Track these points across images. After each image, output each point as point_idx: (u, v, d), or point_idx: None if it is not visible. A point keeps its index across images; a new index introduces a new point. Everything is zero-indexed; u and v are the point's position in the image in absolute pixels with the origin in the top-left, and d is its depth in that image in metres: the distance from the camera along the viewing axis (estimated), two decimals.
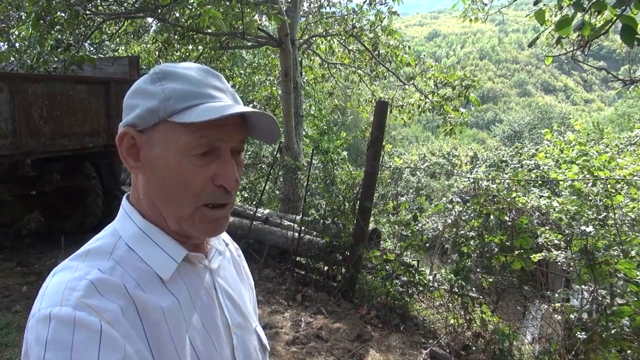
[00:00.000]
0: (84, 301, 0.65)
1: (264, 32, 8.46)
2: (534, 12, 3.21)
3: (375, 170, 4.91)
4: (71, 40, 7.10)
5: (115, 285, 0.69)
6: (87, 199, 6.60)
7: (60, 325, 0.62)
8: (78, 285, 0.67)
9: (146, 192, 0.78)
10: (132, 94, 0.78)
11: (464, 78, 9.00)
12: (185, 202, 0.76)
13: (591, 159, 6.19)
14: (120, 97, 5.52)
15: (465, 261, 4.24)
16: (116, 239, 0.78)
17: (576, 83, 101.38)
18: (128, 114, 0.77)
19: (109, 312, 0.66)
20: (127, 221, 0.80)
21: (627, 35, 2.32)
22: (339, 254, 5.19)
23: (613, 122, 35.40)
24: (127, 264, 0.74)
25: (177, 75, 0.76)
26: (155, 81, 0.76)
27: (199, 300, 0.81)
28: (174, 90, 0.74)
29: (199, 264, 0.84)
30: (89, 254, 0.74)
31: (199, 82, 0.76)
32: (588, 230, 3.64)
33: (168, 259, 0.78)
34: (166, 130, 0.74)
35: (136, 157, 0.77)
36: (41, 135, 5.40)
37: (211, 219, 0.78)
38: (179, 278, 0.79)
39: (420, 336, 4.34)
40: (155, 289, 0.74)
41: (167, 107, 0.73)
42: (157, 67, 0.78)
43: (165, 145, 0.74)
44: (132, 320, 0.68)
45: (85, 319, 0.63)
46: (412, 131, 58.12)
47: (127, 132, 0.76)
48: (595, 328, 3.20)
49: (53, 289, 0.68)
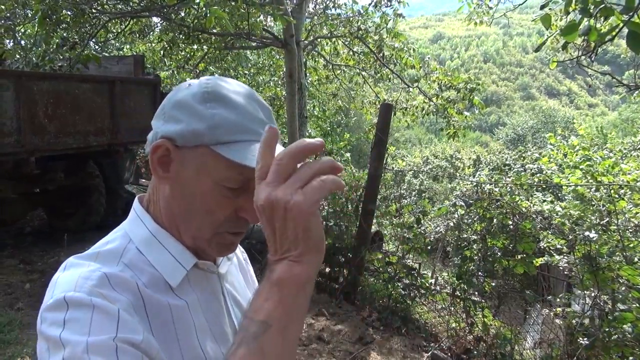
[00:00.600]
0: (97, 290, 0.65)
1: (269, 32, 8.46)
2: (539, 17, 3.21)
3: (379, 172, 4.91)
4: (77, 39, 7.11)
5: (126, 281, 0.70)
6: (90, 197, 6.61)
7: (77, 306, 0.62)
8: (92, 276, 0.67)
9: (168, 204, 0.78)
10: (175, 105, 0.76)
11: (468, 81, 8.98)
12: (207, 227, 0.76)
13: (595, 164, 6.18)
14: (125, 96, 5.50)
15: (468, 265, 4.23)
16: (126, 241, 0.77)
17: (580, 87, 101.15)
18: (167, 123, 0.75)
19: (121, 302, 0.66)
20: (138, 224, 0.80)
21: (633, 42, 2.31)
22: (342, 255, 5.19)
23: (617, 127, 35.34)
24: (136, 268, 0.74)
25: (229, 101, 0.74)
26: (206, 101, 0.74)
27: (207, 305, 0.81)
28: (223, 120, 0.72)
29: (207, 269, 0.83)
30: (98, 256, 0.74)
31: (249, 115, 0.75)
32: (591, 235, 3.63)
33: (177, 265, 0.77)
34: (205, 156, 0.73)
35: (166, 169, 0.76)
36: (46, 134, 5.40)
37: (226, 242, 0.79)
38: (187, 283, 0.79)
39: (421, 339, 4.34)
40: (163, 294, 0.74)
41: (213, 135, 0.72)
42: (208, 84, 0.76)
43: (199, 170, 0.73)
44: (140, 317, 0.68)
45: (101, 303, 0.63)
46: (415, 133, 58.10)
47: (163, 144, 0.74)
48: (597, 334, 3.19)
49: (65, 279, 0.68)
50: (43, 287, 3.62)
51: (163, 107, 0.78)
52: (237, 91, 0.77)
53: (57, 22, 6.07)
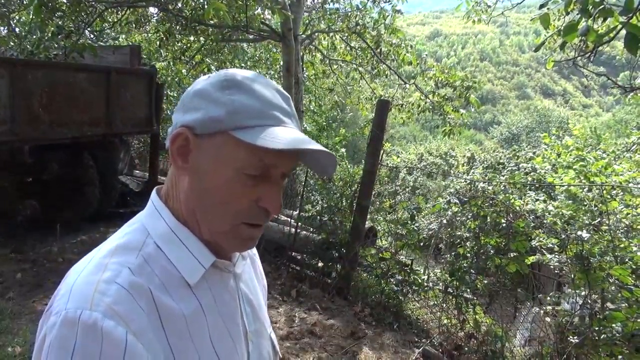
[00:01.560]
0: (113, 308, 0.64)
1: (267, 26, 8.43)
2: (539, 16, 3.21)
3: (374, 169, 4.92)
4: (72, 28, 7.05)
5: (142, 291, 0.68)
6: (84, 188, 6.56)
7: (87, 334, 0.61)
8: (109, 290, 0.66)
9: (187, 196, 0.77)
10: (195, 94, 0.76)
11: (465, 79, 9.01)
12: (226, 218, 0.74)
13: (588, 165, 6.22)
14: (121, 87, 5.46)
15: (461, 262, 4.26)
16: (145, 236, 0.76)
17: (575, 88, 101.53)
18: (186, 113, 0.75)
19: (136, 322, 0.65)
20: (157, 218, 0.78)
21: (631, 43, 2.32)
22: (335, 251, 5.21)
23: (610, 128, 35.55)
24: (155, 263, 0.73)
25: (247, 88, 0.74)
26: (224, 89, 0.74)
27: (223, 306, 0.80)
28: (242, 105, 0.72)
29: (224, 268, 0.82)
30: (117, 249, 0.73)
31: (267, 102, 0.74)
32: (584, 235, 3.66)
33: (196, 263, 0.76)
34: (224, 142, 0.72)
35: (185, 159, 0.75)
36: (40, 123, 5.35)
37: (245, 236, 0.77)
38: (204, 282, 0.77)
39: (413, 335, 4.36)
40: (181, 292, 0.73)
41: (232, 121, 0.71)
42: (227, 73, 0.76)
43: (219, 157, 0.73)
44: (155, 329, 0.67)
45: (112, 332, 0.62)
46: (410, 130, 58.12)
47: (183, 133, 0.74)
48: (587, 333, 3.22)
49: (82, 289, 0.66)
50: (35, 277, 3.63)
51: (182, 100, 0.78)
52: (255, 79, 0.76)
53: (53, 10, 6.03)
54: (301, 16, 8.73)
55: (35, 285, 4.67)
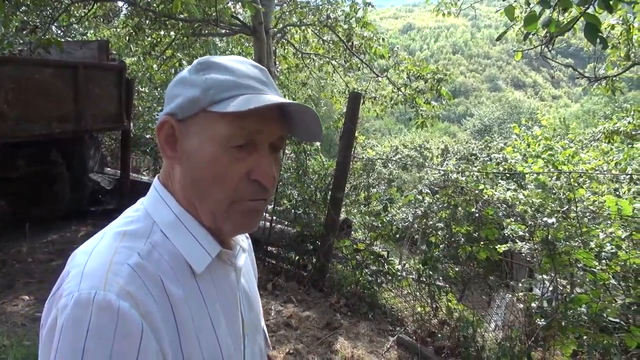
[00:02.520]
0: (126, 289, 0.64)
1: (238, 19, 8.37)
2: (504, 8, 3.28)
3: (347, 160, 4.95)
4: (37, 23, 6.88)
5: (151, 276, 0.68)
6: (54, 186, 6.44)
7: (103, 314, 0.61)
8: (121, 271, 0.66)
9: (182, 184, 0.77)
10: (174, 84, 0.78)
11: (436, 72, 9.10)
12: (221, 196, 0.74)
13: (556, 154, 6.39)
14: (90, 82, 5.35)
15: (433, 251, 4.34)
16: (151, 223, 0.76)
17: (545, 79, 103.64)
18: (169, 104, 0.77)
19: (145, 304, 0.65)
20: (161, 205, 0.78)
21: (590, 33, 2.40)
22: (310, 243, 5.23)
23: (579, 118, 36.46)
24: (163, 250, 0.73)
25: (220, 66, 0.75)
26: (199, 71, 0.75)
27: (224, 299, 0.80)
28: (215, 80, 0.73)
29: (227, 260, 0.83)
30: (125, 235, 0.73)
31: (242, 74, 0.75)
32: (550, 221, 3.77)
33: (203, 252, 0.76)
34: (205, 120, 0.73)
35: (173, 148, 0.76)
36: (6, 120, 5.22)
37: (245, 210, 0.76)
38: (207, 273, 0.77)
39: (387, 324, 4.43)
40: (186, 281, 0.73)
41: (207, 97, 0.72)
42: (202, 58, 0.78)
43: (202, 136, 0.73)
44: (165, 314, 0.68)
45: (128, 313, 0.62)
46: (385, 123, 58.51)
47: (167, 121, 0.75)
48: (554, 315, 3.33)
49: (94, 269, 0.66)
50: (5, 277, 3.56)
51: (166, 94, 0.79)
52: (229, 58, 0.78)
53: (17, 4, 5.87)
54: (272, 9, 8.68)
55: (5, 287, 4.56)
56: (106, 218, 5.30)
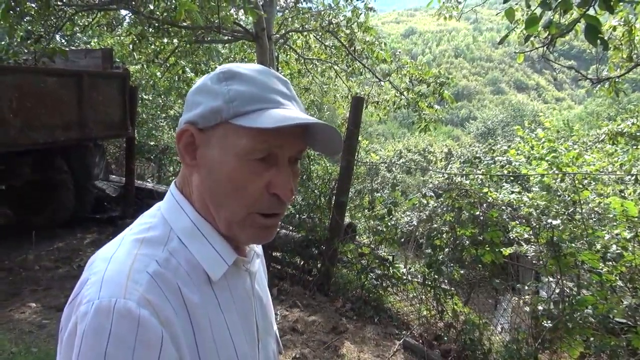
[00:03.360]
0: (146, 297, 0.64)
1: (240, 26, 8.42)
2: (504, 10, 3.29)
3: (351, 165, 4.96)
4: (42, 32, 6.94)
5: (170, 284, 0.69)
6: (59, 193, 6.47)
7: (123, 321, 0.62)
8: (140, 279, 0.66)
9: (199, 191, 0.77)
10: (196, 91, 0.77)
11: (439, 75, 9.12)
12: (238, 208, 0.74)
13: (560, 156, 6.37)
14: (94, 90, 5.40)
15: (437, 254, 4.33)
16: (168, 229, 0.76)
17: (548, 82, 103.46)
18: (190, 111, 0.76)
19: (164, 312, 0.66)
20: (179, 212, 0.78)
21: (590, 35, 2.41)
22: (315, 248, 5.23)
23: (582, 120, 36.36)
24: (180, 257, 0.73)
25: (244, 76, 0.75)
26: (222, 81, 0.75)
27: (240, 305, 0.80)
28: (239, 92, 0.73)
29: (242, 267, 0.83)
30: (143, 242, 0.73)
31: (265, 87, 0.75)
32: (555, 223, 3.76)
33: (219, 259, 0.77)
34: (227, 132, 0.73)
35: (193, 156, 0.76)
36: (11, 128, 5.26)
37: (262, 226, 0.77)
38: (224, 280, 0.78)
39: (393, 327, 4.42)
40: (203, 288, 0.74)
41: (230, 109, 0.72)
42: (225, 67, 0.78)
43: (223, 147, 0.73)
44: (184, 323, 0.68)
45: (148, 321, 0.63)
46: (388, 127, 58.56)
47: (187, 129, 0.75)
48: (560, 317, 3.32)
49: (114, 277, 0.66)
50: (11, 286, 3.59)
51: (186, 100, 0.79)
52: (252, 69, 0.77)
53: (21, 14, 5.91)
54: (274, 16, 8.73)
55: (12, 294, 4.58)
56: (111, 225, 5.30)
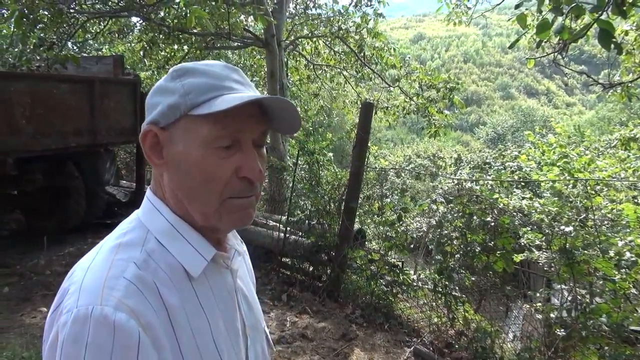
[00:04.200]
0: (123, 301, 0.65)
1: (250, 32, 8.47)
2: (515, 16, 3.28)
3: (360, 170, 4.95)
4: (54, 39, 7.02)
5: (149, 286, 0.70)
6: (70, 199, 6.52)
7: (100, 328, 0.63)
8: (117, 284, 0.67)
9: (171, 189, 0.78)
10: (153, 93, 0.79)
11: (448, 80, 9.10)
12: (211, 197, 0.75)
13: (571, 161, 6.31)
14: (105, 97, 5.45)
15: (448, 260, 4.29)
16: (145, 232, 0.77)
17: (558, 87, 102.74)
18: (150, 113, 0.78)
19: (144, 315, 0.66)
20: (155, 214, 0.80)
21: (604, 39, 2.38)
22: (324, 254, 5.22)
23: (594, 125, 36.05)
24: (158, 257, 0.74)
25: (196, 70, 0.77)
26: (175, 78, 0.77)
27: (222, 302, 0.81)
28: (193, 85, 0.75)
29: (222, 263, 0.84)
30: (120, 247, 0.74)
31: (218, 76, 0.76)
32: (567, 230, 3.71)
33: (198, 256, 0.77)
34: (187, 124, 0.74)
35: (159, 155, 0.78)
36: (23, 135, 5.32)
37: (237, 208, 0.77)
38: (204, 278, 0.79)
39: (404, 335, 4.38)
40: (183, 286, 0.74)
41: (187, 102, 0.74)
42: (177, 66, 0.79)
43: (187, 140, 0.74)
44: (164, 324, 0.69)
45: (125, 325, 0.63)
46: (397, 133, 58.43)
47: (150, 130, 0.77)
48: (574, 325, 3.27)
49: (91, 285, 0.67)
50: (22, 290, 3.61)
51: (146, 105, 0.80)
52: (204, 62, 0.79)
53: (34, 22, 5.99)
54: (284, 22, 8.77)
55: (23, 299, 4.62)
56: None
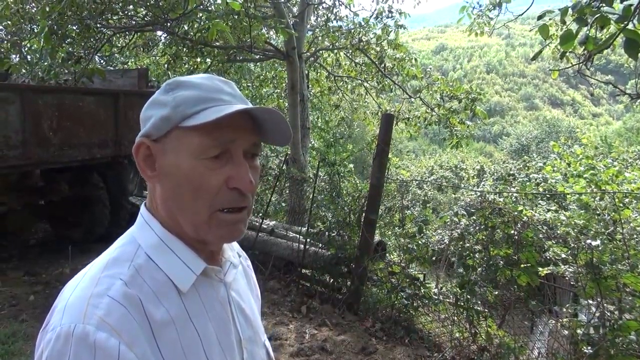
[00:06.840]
0: (105, 320, 0.66)
1: (272, 45, 8.55)
2: (538, 27, 3.23)
3: (381, 182, 4.91)
4: (82, 53, 7.21)
5: (134, 302, 0.70)
6: (95, 209, 6.64)
7: (81, 347, 0.63)
8: (100, 303, 0.67)
9: (163, 200, 0.79)
10: (147, 107, 0.80)
11: (470, 91, 9.03)
12: (201, 207, 0.75)
13: (599, 173, 6.16)
14: (129, 109, 5.58)
15: (470, 274, 4.22)
16: (135, 247, 0.78)
17: (584, 97, 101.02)
18: (144, 126, 0.79)
19: (128, 333, 0.66)
20: (146, 230, 0.80)
21: (630, 49, 2.33)
22: (344, 266, 5.19)
23: (621, 135, 35.26)
24: (146, 273, 0.75)
25: (188, 83, 0.78)
26: (168, 91, 0.78)
27: (214, 314, 0.81)
28: (184, 97, 0.76)
29: (214, 277, 0.83)
30: (109, 263, 0.75)
31: (209, 88, 0.77)
32: (595, 244, 3.61)
33: (187, 270, 0.78)
34: (178, 136, 0.75)
35: (152, 167, 0.78)
36: (50, 146, 5.46)
37: (227, 222, 0.77)
38: (195, 291, 0.79)
39: (425, 349, 4.31)
40: (171, 301, 0.74)
41: (178, 113, 0.75)
42: (170, 80, 0.81)
43: (178, 151, 0.75)
44: (148, 339, 0.69)
45: (105, 343, 0.64)
46: (419, 144, 58.12)
47: (143, 142, 0.78)
48: (601, 342, 3.17)
49: (75, 303, 0.68)
50: (47, 299, 3.68)
51: (140, 118, 0.82)
52: (196, 76, 0.81)
53: (63, 37, 6.15)
54: (305, 34, 8.83)
55: (48, 307, 4.64)
56: None
